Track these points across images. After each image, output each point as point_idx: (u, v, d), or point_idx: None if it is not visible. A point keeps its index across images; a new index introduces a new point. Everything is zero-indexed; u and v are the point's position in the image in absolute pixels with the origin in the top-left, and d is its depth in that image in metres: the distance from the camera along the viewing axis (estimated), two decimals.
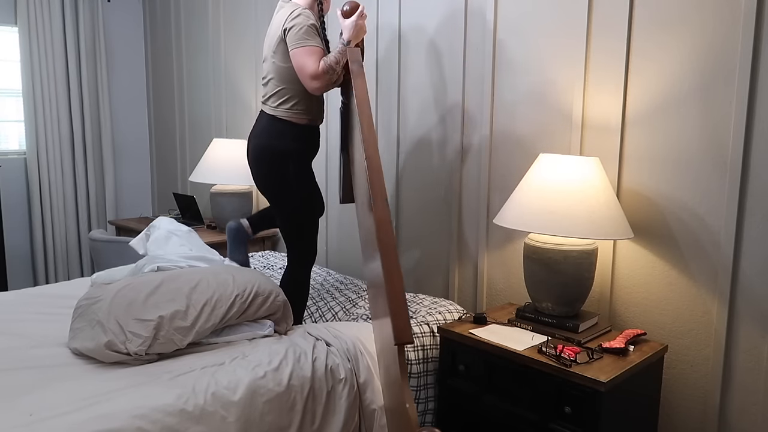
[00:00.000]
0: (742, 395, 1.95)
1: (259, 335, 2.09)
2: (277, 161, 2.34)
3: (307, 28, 2.22)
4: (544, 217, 1.96)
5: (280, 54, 2.30)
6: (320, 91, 2.26)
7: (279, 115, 2.34)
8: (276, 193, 2.39)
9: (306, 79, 2.22)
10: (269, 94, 2.37)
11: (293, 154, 2.35)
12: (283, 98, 2.33)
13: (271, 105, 2.36)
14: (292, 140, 2.34)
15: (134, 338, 1.85)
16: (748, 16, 1.83)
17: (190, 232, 2.69)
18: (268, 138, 2.35)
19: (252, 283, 2.11)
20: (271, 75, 2.35)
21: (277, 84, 2.33)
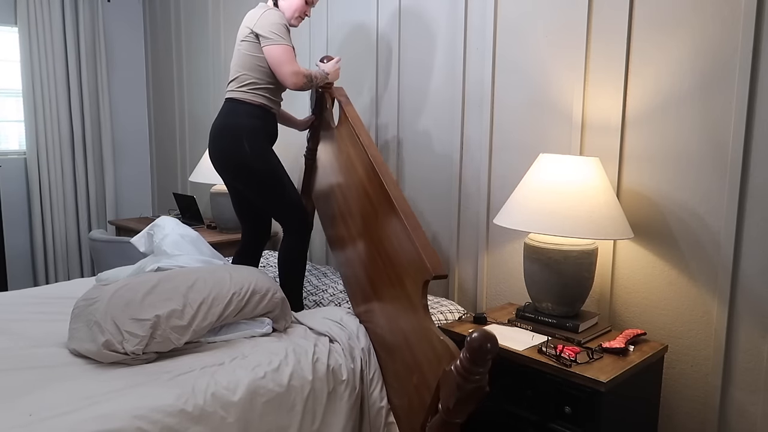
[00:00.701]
0: (742, 395, 1.95)
1: (257, 333, 2.09)
2: (229, 137, 2.42)
3: (281, 26, 2.42)
4: (544, 217, 1.96)
5: (247, 44, 2.45)
6: (294, 86, 2.41)
7: (234, 96, 2.47)
8: (236, 172, 2.45)
9: (286, 74, 2.39)
10: (232, 78, 2.50)
11: (246, 130, 2.42)
12: (242, 82, 2.46)
13: (232, 88, 2.49)
14: (245, 116, 2.44)
15: (131, 338, 1.85)
16: (748, 16, 1.83)
17: (199, 238, 2.69)
18: (222, 118, 2.48)
19: (249, 281, 2.11)
20: (235, 60, 2.50)
21: (238, 70, 2.48)
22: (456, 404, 1.58)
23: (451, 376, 1.56)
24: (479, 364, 1.52)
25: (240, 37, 2.51)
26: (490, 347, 1.48)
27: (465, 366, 1.53)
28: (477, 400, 1.59)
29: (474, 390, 1.56)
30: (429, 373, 1.82)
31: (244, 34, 2.47)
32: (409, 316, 1.97)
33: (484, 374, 1.55)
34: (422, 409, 1.81)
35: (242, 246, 2.77)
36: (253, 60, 2.45)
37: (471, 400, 1.57)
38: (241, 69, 2.47)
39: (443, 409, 1.63)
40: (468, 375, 1.54)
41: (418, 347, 1.90)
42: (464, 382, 1.54)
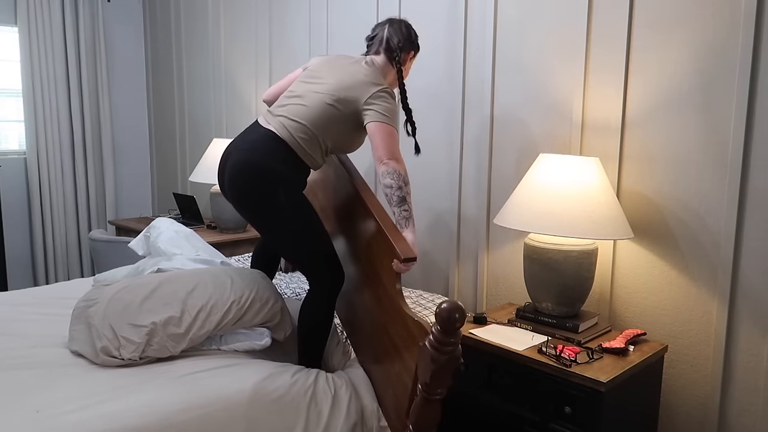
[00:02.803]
0: (742, 395, 1.95)
1: (257, 347, 2.05)
2: (261, 181, 2.01)
3: (395, 110, 2.08)
4: (544, 217, 1.96)
5: (343, 109, 2.05)
6: (382, 167, 1.98)
7: (285, 139, 2.04)
8: (267, 219, 2.06)
9: (382, 154, 1.99)
10: (292, 119, 2.06)
11: (283, 178, 2.02)
12: (304, 134, 2.05)
13: (286, 127, 2.05)
14: (285, 164, 2.04)
15: (127, 344, 1.84)
16: (748, 16, 1.84)
17: (193, 234, 2.69)
18: (255, 153, 2.02)
19: (250, 288, 2.07)
20: (310, 110, 2.06)
21: (309, 118, 2.05)
22: (432, 377, 1.62)
23: (425, 351, 1.61)
24: (449, 334, 1.57)
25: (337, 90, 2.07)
26: (458, 317, 1.54)
27: (437, 338, 1.58)
28: (452, 372, 1.63)
29: (448, 361, 1.60)
30: (408, 357, 1.83)
31: (346, 93, 2.05)
32: (386, 306, 1.98)
33: (455, 344, 1.60)
34: (406, 395, 1.83)
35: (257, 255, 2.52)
36: (337, 126, 2.07)
37: (446, 371, 1.61)
38: (317, 124, 2.05)
39: (422, 385, 1.66)
40: (440, 346, 1.58)
41: (396, 333, 1.91)
42: (438, 354, 1.58)
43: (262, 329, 2.08)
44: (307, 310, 2.11)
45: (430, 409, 1.70)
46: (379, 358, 2.04)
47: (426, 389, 1.66)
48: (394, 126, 2.04)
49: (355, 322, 2.25)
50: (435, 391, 1.65)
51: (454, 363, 1.62)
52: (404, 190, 1.96)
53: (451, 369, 1.62)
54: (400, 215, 1.96)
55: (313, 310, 2.10)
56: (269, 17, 3.59)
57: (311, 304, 2.11)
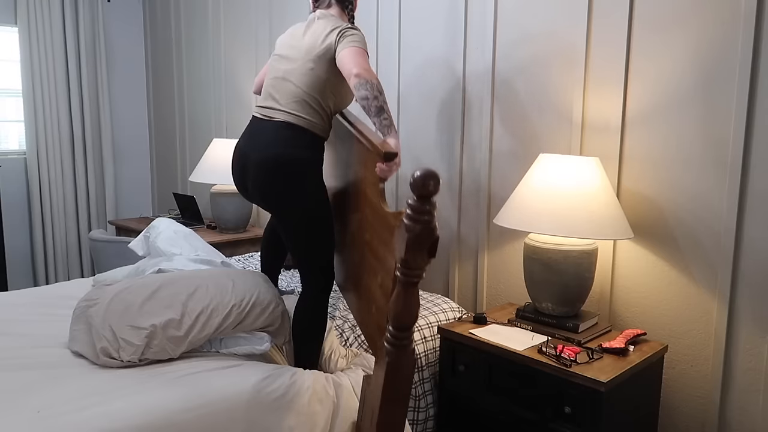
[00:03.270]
0: (742, 395, 1.95)
1: (257, 351, 2.04)
2: (294, 172, 2.04)
3: (361, 37, 2.08)
4: (544, 217, 1.96)
5: (322, 63, 2.07)
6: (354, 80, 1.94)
7: (297, 122, 2.07)
8: (292, 210, 2.07)
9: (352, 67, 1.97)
10: (290, 99, 2.09)
11: (311, 164, 2.07)
12: (306, 107, 2.08)
13: (290, 110, 2.08)
14: (308, 148, 2.07)
15: (127, 346, 1.84)
16: (748, 16, 1.84)
17: (192, 234, 2.69)
18: (282, 147, 2.04)
19: (251, 292, 2.06)
20: (296, 80, 2.09)
21: (303, 91, 2.08)
22: (408, 250, 1.55)
23: (401, 226, 1.56)
24: (424, 200, 1.52)
25: (310, 52, 2.10)
26: (432, 184, 1.50)
27: (412, 206, 1.53)
28: (429, 246, 1.56)
29: (423, 231, 1.53)
30: (389, 257, 1.76)
31: (318, 51, 2.08)
32: (369, 219, 1.94)
33: (431, 213, 1.53)
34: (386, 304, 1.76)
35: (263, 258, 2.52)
36: (325, 83, 2.08)
37: (422, 242, 1.55)
38: (312, 91, 2.08)
39: (399, 263, 1.59)
40: (415, 214, 1.53)
41: (378, 238, 1.86)
42: (413, 224, 1.53)
43: (262, 333, 2.07)
44: (302, 312, 2.12)
45: (409, 298, 1.62)
46: (363, 278, 1.98)
47: (404, 266, 1.59)
48: (363, 47, 2.03)
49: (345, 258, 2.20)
50: (412, 269, 1.58)
51: (430, 234, 1.55)
52: (380, 99, 1.92)
53: (427, 241, 1.55)
54: (381, 124, 1.92)
55: (308, 312, 2.11)
56: (269, 17, 3.59)
57: (306, 305, 2.12)
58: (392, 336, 1.66)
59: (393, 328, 1.66)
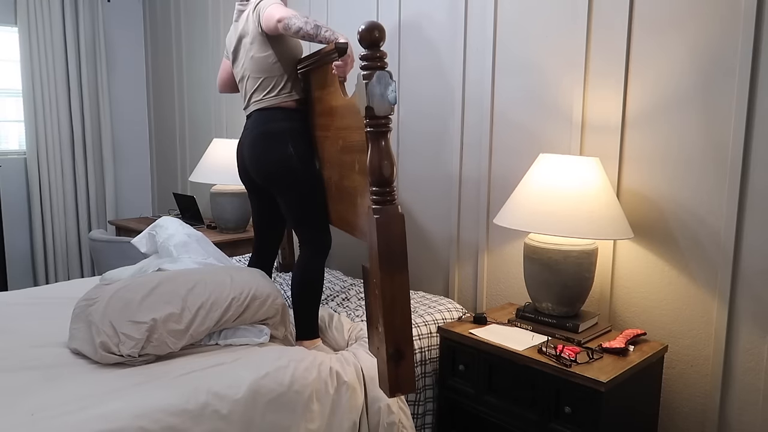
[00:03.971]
0: (742, 395, 1.95)
1: (255, 343, 2.06)
2: (274, 142, 2.25)
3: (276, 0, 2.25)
4: (544, 217, 1.96)
5: (257, 44, 2.26)
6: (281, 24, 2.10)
7: (266, 105, 2.31)
8: (280, 175, 2.25)
9: (275, 15, 2.14)
10: (253, 90, 2.33)
11: (290, 132, 2.27)
12: (267, 88, 2.30)
13: (257, 99, 2.32)
14: (285, 120, 2.28)
15: (127, 340, 1.85)
16: (747, 16, 1.84)
17: (204, 238, 2.69)
18: (261, 126, 2.29)
19: (250, 286, 2.08)
20: (248, 72, 2.32)
21: (256, 78, 2.30)
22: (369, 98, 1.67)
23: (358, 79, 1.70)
24: (374, 48, 1.68)
25: (245, 42, 2.31)
26: (377, 32, 1.66)
27: (365, 56, 1.69)
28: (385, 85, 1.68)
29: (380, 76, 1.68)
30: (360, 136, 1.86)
31: (251, 36, 2.27)
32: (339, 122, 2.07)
33: (382, 59, 1.70)
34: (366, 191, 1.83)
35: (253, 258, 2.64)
36: (267, 58, 2.26)
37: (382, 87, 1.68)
38: (259, 74, 2.29)
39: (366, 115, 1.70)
40: (370, 62, 1.68)
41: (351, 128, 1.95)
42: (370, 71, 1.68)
43: (261, 326, 2.10)
44: (301, 273, 2.26)
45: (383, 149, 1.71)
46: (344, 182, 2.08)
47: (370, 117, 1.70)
48: (275, 2, 2.20)
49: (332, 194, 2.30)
50: (378, 118, 1.69)
51: (385, 78, 1.70)
52: (310, 21, 2.06)
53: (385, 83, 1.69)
54: (325, 37, 2.06)
55: (308, 272, 2.25)
56: None
57: (305, 266, 2.26)
58: (375, 194, 1.70)
59: (374, 186, 1.71)
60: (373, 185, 1.72)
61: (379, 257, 1.67)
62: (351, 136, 1.96)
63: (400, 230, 1.70)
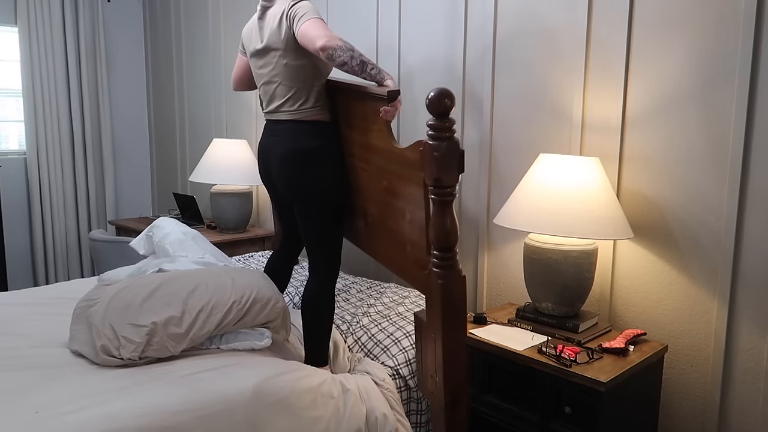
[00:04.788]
0: (742, 395, 1.95)
1: (257, 347, 2.05)
2: (311, 161, 2.15)
3: (309, 5, 2.11)
4: (544, 217, 1.96)
5: (292, 52, 2.12)
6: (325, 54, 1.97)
7: (301, 118, 2.18)
8: (312, 195, 2.16)
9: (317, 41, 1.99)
10: (284, 99, 2.19)
11: (329, 152, 2.19)
12: (300, 99, 2.17)
13: (289, 109, 2.19)
14: (322, 138, 2.18)
15: (127, 344, 1.84)
16: (748, 16, 1.84)
17: (199, 236, 2.68)
18: (297, 140, 2.17)
19: (251, 289, 2.06)
20: (279, 78, 2.18)
21: (289, 86, 2.17)
22: (438, 168, 1.67)
23: (426, 146, 1.69)
24: (443, 117, 1.66)
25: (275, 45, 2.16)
26: (448, 101, 1.63)
27: (433, 125, 1.66)
28: (456, 158, 1.68)
29: (449, 147, 1.66)
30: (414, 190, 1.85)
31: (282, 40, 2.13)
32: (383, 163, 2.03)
33: (451, 129, 1.67)
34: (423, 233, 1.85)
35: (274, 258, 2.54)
36: (303, 68, 2.15)
37: (450, 159, 1.67)
38: (293, 84, 2.16)
39: (433, 183, 1.71)
40: (438, 133, 1.66)
41: (396, 174, 1.94)
42: (438, 142, 1.65)
43: (263, 329, 2.08)
44: (312, 299, 2.18)
45: (448, 217, 1.75)
46: (388, 224, 2.05)
47: (436, 186, 1.70)
48: (314, 16, 2.06)
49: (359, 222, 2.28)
50: (445, 186, 1.70)
51: (455, 149, 1.67)
52: (356, 56, 1.96)
53: (454, 156, 1.67)
54: (371, 75, 1.98)
55: (318, 298, 2.18)
56: None
57: (315, 293, 2.19)
58: (439, 259, 1.77)
59: (438, 250, 1.77)
60: (437, 250, 1.78)
61: (443, 317, 1.77)
62: (402, 185, 1.94)
63: (462, 293, 1.79)
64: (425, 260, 1.83)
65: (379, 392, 2.00)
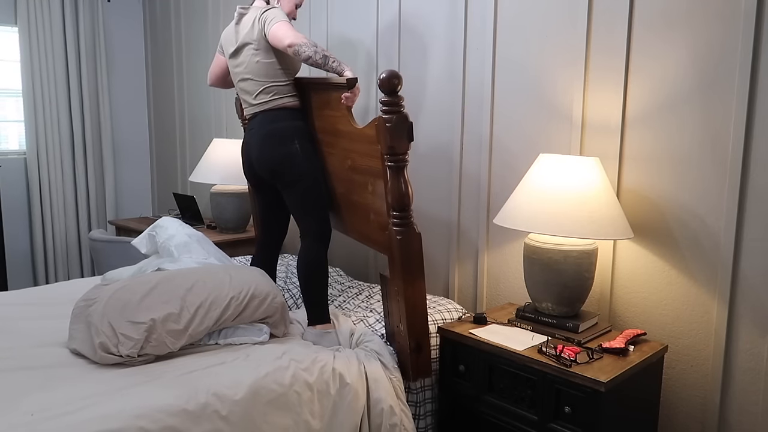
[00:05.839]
0: (742, 395, 1.95)
1: (255, 342, 2.06)
2: (281, 139, 2.39)
3: (278, 10, 2.37)
4: (544, 217, 1.96)
5: (263, 51, 2.38)
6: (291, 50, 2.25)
7: (271, 106, 2.42)
8: (286, 170, 2.37)
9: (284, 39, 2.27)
10: (255, 93, 2.43)
11: (295, 130, 2.40)
12: (270, 93, 2.41)
13: (260, 101, 2.43)
14: (291, 119, 2.42)
15: (126, 341, 1.84)
16: (748, 16, 1.84)
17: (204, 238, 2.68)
18: (267, 125, 2.41)
19: (249, 285, 2.08)
20: (251, 75, 2.42)
21: (260, 82, 2.41)
22: (391, 137, 1.96)
23: (380, 120, 1.99)
24: (392, 94, 1.96)
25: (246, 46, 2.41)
26: (396, 81, 1.94)
27: (386, 101, 1.97)
28: (406, 128, 1.97)
29: (399, 118, 1.96)
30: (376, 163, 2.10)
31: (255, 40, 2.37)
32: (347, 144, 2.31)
33: (400, 104, 1.97)
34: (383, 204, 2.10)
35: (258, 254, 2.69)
36: (271, 66, 2.39)
37: (401, 128, 1.96)
38: (263, 79, 2.40)
39: (387, 151, 1.99)
40: (390, 107, 1.96)
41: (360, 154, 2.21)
42: (390, 116, 1.95)
43: (261, 325, 2.10)
44: (306, 262, 2.34)
45: (402, 181, 2.00)
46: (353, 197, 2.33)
47: (391, 153, 1.98)
48: (282, 20, 2.33)
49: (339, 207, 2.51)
50: (398, 153, 1.99)
51: (405, 121, 1.97)
52: (319, 50, 2.23)
53: (404, 126, 1.97)
54: (332, 67, 2.23)
55: (312, 260, 2.34)
56: None
57: (308, 254, 2.35)
58: (397, 218, 2.03)
59: (396, 211, 2.03)
60: (395, 210, 2.03)
61: (402, 270, 2.02)
62: (363, 160, 2.21)
63: (419, 247, 2.05)
64: (386, 223, 2.10)
65: (387, 382, 2.01)
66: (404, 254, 2.02)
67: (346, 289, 2.78)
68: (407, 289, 2.02)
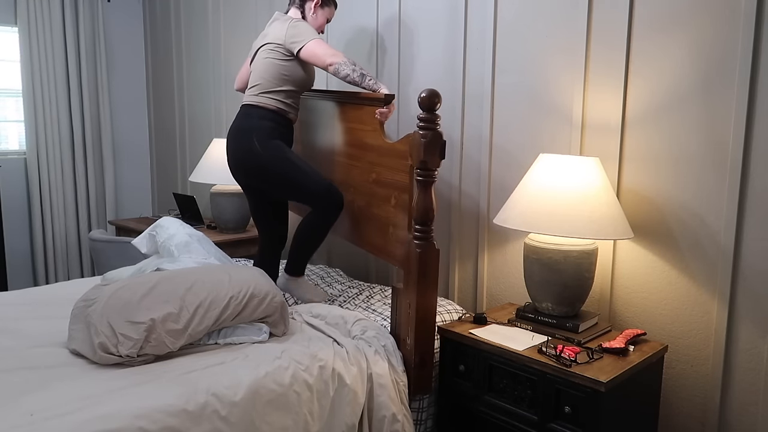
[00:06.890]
0: (742, 395, 1.95)
1: (254, 341, 2.06)
2: (240, 138, 2.45)
3: (308, 27, 2.47)
4: (544, 217, 1.96)
5: (279, 54, 2.44)
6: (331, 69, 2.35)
7: (253, 102, 2.47)
8: (249, 171, 2.46)
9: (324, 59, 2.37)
10: (251, 86, 2.50)
11: (256, 131, 2.43)
12: (263, 89, 2.47)
13: (250, 94, 2.50)
14: (258, 119, 2.45)
15: (125, 341, 1.84)
16: (748, 16, 1.84)
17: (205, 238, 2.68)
18: (237, 121, 2.50)
19: (248, 284, 2.08)
20: (255, 69, 2.50)
21: (261, 77, 2.47)
22: (425, 152, 2.01)
23: (416, 135, 2.04)
24: (432, 113, 2.02)
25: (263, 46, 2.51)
26: (437, 101, 2.01)
27: (423, 118, 2.02)
28: (439, 146, 2.02)
29: (434, 136, 2.02)
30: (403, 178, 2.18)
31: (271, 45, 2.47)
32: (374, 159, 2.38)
33: (437, 123, 2.03)
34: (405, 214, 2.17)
35: (261, 254, 2.73)
36: (278, 68, 2.46)
37: (435, 145, 2.02)
38: (264, 75, 2.47)
39: (419, 165, 2.04)
40: (427, 124, 2.02)
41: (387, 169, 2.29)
42: (426, 132, 2.01)
43: (261, 324, 2.10)
44: (306, 226, 2.42)
45: (429, 196, 2.05)
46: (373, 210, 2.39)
47: (422, 168, 2.03)
48: (315, 37, 2.42)
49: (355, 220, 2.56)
50: (429, 169, 2.04)
51: (439, 138, 2.03)
52: (357, 68, 2.34)
53: (438, 143, 2.02)
54: (369, 85, 2.34)
55: (313, 227, 2.42)
56: (269, 17, 3.58)
57: (312, 222, 2.42)
58: (419, 231, 2.08)
59: (418, 224, 2.08)
60: (417, 224, 2.08)
61: (417, 284, 2.05)
62: (389, 174, 2.28)
63: (436, 263, 2.11)
64: (405, 237, 2.16)
65: (393, 389, 2.00)
66: (421, 268, 2.05)
67: (347, 289, 2.78)
68: (420, 302, 2.06)
